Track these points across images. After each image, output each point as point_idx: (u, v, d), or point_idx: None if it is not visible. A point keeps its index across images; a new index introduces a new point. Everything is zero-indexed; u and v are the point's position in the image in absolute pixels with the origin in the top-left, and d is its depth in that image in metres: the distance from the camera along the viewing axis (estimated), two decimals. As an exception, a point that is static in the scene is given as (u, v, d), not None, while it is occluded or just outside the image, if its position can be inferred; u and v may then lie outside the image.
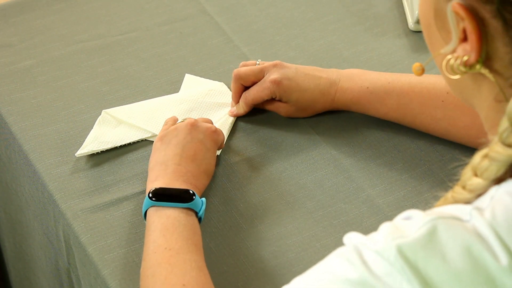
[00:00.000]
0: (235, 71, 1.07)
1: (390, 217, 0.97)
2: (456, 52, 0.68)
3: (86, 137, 1.06)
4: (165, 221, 0.88)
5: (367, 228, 0.96)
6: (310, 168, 1.03)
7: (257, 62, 1.08)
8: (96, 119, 1.08)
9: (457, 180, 0.69)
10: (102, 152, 1.05)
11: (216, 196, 0.99)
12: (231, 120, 1.09)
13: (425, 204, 0.99)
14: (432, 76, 1.02)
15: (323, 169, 1.03)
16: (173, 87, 1.15)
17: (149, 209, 0.90)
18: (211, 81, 1.16)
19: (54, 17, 1.27)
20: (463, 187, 0.67)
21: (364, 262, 0.64)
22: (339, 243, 0.94)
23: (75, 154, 1.03)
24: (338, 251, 0.68)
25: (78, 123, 1.09)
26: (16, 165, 1.11)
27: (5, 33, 1.24)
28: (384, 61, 1.20)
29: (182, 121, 1.00)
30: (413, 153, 1.04)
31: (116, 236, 0.95)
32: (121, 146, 1.06)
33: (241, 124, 1.09)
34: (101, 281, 0.91)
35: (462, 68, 0.67)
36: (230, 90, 1.14)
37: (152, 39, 1.23)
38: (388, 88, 1.03)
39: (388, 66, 1.19)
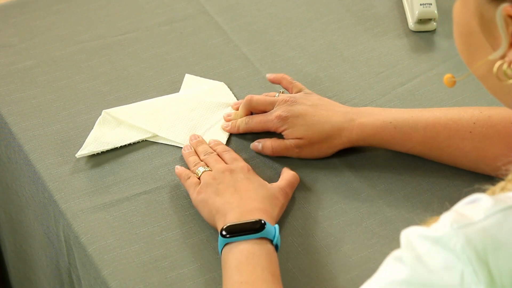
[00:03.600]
0: (249, 96, 1.06)
1: (390, 217, 0.97)
2: (507, 56, 0.67)
3: (86, 138, 1.06)
4: (238, 256, 0.86)
5: (367, 228, 0.96)
6: (310, 168, 1.03)
7: (277, 94, 1.07)
8: (96, 120, 1.08)
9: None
10: (102, 152, 1.05)
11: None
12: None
13: (425, 204, 0.99)
14: (455, 108, 1.00)
15: (323, 169, 1.03)
16: (173, 87, 1.15)
17: (223, 248, 0.89)
18: (212, 81, 1.16)
19: (54, 17, 1.27)
20: None
21: (417, 257, 0.63)
22: (339, 243, 0.94)
23: (75, 155, 1.04)
24: (393, 253, 0.66)
25: (78, 123, 1.09)
26: (16, 165, 1.11)
27: (6, 34, 1.24)
28: (384, 61, 1.20)
29: (208, 170, 0.98)
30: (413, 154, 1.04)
31: (116, 237, 0.95)
32: (121, 146, 1.06)
33: (241, 124, 1.09)
34: (101, 281, 0.91)
35: None
36: (231, 90, 1.14)
37: (152, 39, 1.23)
38: (412, 122, 0.99)
39: (388, 66, 1.19)
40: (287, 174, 1.00)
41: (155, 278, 0.91)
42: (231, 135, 1.08)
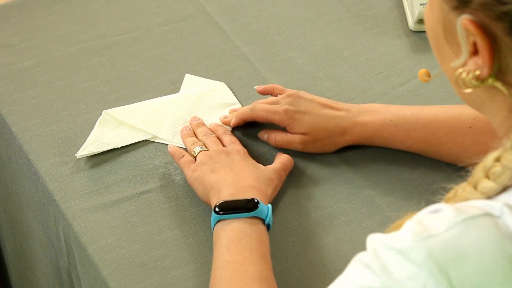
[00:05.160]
0: (255, 106, 1.04)
1: (390, 217, 0.97)
2: (467, 65, 0.67)
3: (86, 137, 1.06)
4: (230, 234, 0.87)
5: (367, 228, 0.96)
6: (310, 168, 1.03)
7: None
8: (96, 120, 1.08)
9: (464, 175, 0.68)
10: (102, 152, 1.05)
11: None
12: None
13: (425, 204, 0.98)
14: (455, 105, 1.01)
15: (323, 169, 1.03)
16: (174, 87, 1.15)
17: (216, 225, 0.89)
18: (212, 80, 1.16)
19: (54, 17, 1.27)
20: (475, 188, 0.66)
21: (383, 267, 0.63)
22: (339, 243, 0.95)
23: (76, 155, 1.04)
24: (358, 257, 0.66)
25: (78, 123, 1.09)
26: (16, 165, 1.11)
27: (5, 33, 1.24)
28: (384, 61, 1.20)
29: (204, 150, 0.98)
30: (412, 153, 1.04)
31: (116, 237, 0.95)
32: (121, 146, 1.06)
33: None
34: (101, 281, 0.91)
35: (474, 82, 0.67)
36: (231, 90, 1.14)
37: (152, 39, 1.23)
38: (412, 119, 1.00)
39: (388, 66, 1.19)
40: (281, 157, 1.01)
41: (155, 278, 0.91)
42: (232, 131, 1.07)
